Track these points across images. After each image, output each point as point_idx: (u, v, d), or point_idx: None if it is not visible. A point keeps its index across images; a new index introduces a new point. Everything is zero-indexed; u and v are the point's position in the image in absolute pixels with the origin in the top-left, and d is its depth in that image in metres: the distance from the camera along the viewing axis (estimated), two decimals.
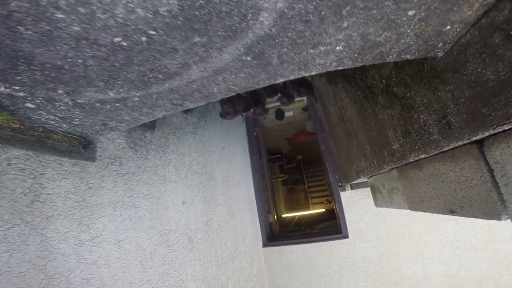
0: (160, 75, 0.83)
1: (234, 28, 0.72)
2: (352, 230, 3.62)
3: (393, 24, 0.85)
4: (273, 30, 0.76)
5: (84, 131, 1.20)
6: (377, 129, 1.92)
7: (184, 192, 2.20)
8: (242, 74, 0.95)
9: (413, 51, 1.03)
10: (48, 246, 1.16)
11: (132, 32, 0.64)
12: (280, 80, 1.08)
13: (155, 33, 0.66)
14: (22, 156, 1.12)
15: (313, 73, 1.09)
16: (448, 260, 3.37)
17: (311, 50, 0.90)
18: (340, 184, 3.70)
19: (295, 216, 6.56)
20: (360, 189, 3.53)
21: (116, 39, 0.65)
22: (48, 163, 1.22)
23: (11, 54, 0.64)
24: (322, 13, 0.74)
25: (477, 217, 1.18)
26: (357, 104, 2.18)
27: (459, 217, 3.35)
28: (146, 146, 1.83)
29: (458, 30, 0.90)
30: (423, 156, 1.46)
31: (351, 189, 3.51)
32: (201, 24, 0.68)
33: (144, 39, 0.67)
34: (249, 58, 0.87)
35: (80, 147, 1.38)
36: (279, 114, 3.88)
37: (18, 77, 0.74)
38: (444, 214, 1.41)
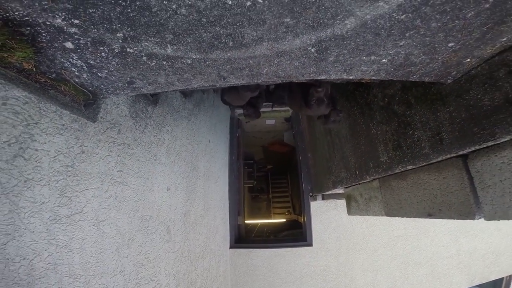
0: (231, 43, 0.82)
1: (321, 21, 0.78)
2: (316, 239, 3.78)
3: (433, 50, 1.01)
4: (348, 33, 0.85)
5: (102, 86, 1.09)
6: (367, 143, 2.11)
7: (170, 177, 2.08)
8: (296, 63, 1.00)
9: (432, 75, 1.20)
10: (17, 219, 0.94)
11: None
12: (322, 77, 1.15)
13: (261, 1, 0.67)
14: (22, 98, 0.96)
15: (350, 78, 1.19)
16: (395, 273, 3.74)
17: (364, 57, 1.01)
18: (311, 194, 3.88)
19: (257, 223, 6.59)
20: (329, 200, 3.75)
21: None
22: (48, 113, 1.06)
23: None
24: (393, 31, 0.85)
25: (453, 218, 1.38)
26: (350, 119, 2.36)
27: (409, 234, 3.78)
28: (146, 120, 1.70)
29: (473, 63, 1.09)
30: (410, 167, 1.65)
31: (322, 199, 3.70)
32: (300, 9, 0.72)
33: (248, 3, 0.67)
34: (313, 50, 0.93)
35: (82, 104, 1.23)
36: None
37: (91, 10, 0.66)
38: (421, 217, 1.60)
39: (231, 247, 3.67)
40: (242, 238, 4.03)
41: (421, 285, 3.70)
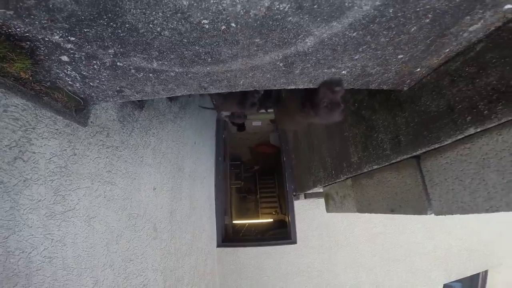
0: (209, 59, 0.96)
1: (286, 40, 0.92)
2: (300, 237, 3.94)
3: (386, 62, 1.17)
4: (310, 50, 1.00)
5: (93, 94, 1.19)
6: (341, 144, 2.29)
7: (156, 178, 2.18)
8: (268, 75, 1.14)
9: (389, 83, 1.38)
10: (17, 215, 1.04)
11: (221, 19, 0.77)
12: (291, 87, 1.30)
13: (234, 25, 0.81)
14: (21, 105, 1.06)
15: (316, 87, 1.34)
16: (376, 269, 3.92)
17: (326, 70, 1.16)
18: (295, 193, 4.05)
19: (245, 224, 6.71)
20: (311, 199, 3.92)
21: (204, 21, 0.77)
22: (43, 119, 1.16)
23: (106, 7, 0.70)
24: (347, 46, 1.01)
25: (410, 213, 1.56)
26: None
27: (387, 232, 4.00)
28: (133, 123, 1.80)
29: (423, 72, 1.27)
30: (376, 167, 1.83)
31: (305, 198, 3.87)
32: (267, 31, 0.86)
33: (223, 27, 0.81)
34: (281, 64, 1.07)
35: (73, 110, 1.33)
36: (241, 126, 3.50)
37: (86, 29, 0.78)
38: (386, 213, 1.78)
39: (218, 246, 3.77)
40: (230, 238, 4.15)
41: (401, 280, 3.89)
